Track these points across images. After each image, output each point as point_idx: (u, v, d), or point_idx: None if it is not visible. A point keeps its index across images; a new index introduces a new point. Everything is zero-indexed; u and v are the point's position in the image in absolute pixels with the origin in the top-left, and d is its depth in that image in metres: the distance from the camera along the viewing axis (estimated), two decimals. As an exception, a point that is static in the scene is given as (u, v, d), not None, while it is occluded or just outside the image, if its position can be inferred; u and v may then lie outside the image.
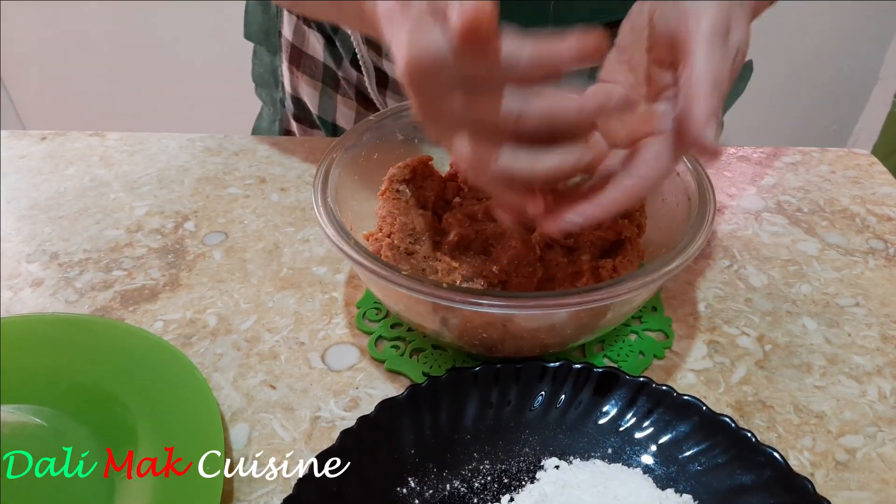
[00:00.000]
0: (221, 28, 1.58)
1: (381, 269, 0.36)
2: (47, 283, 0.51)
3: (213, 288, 0.50)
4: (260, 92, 0.78)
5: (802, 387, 0.43)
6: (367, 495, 0.35)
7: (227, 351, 0.45)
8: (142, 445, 0.38)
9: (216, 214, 0.58)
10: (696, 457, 0.37)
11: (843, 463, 0.39)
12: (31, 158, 0.66)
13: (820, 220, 0.57)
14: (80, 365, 0.42)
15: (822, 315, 0.48)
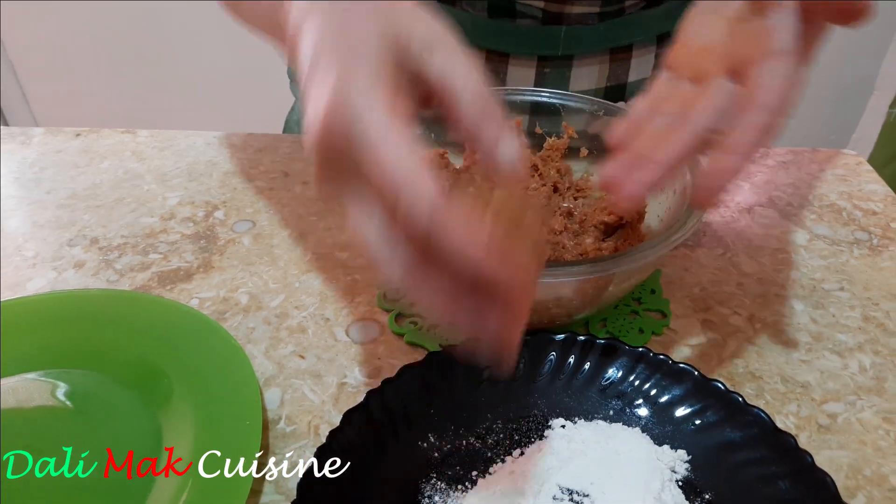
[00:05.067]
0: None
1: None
2: (88, 265, 0.55)
3: (243, 270, 0.54)
4: (294, 88, 0.82)
5: (789, 360, 0.47)
6: (391, 447, 0.39)
7: (259, 325, 0.49)
8: (185, 406, 0.42)
9: (244, 205, 0.62)
10: (689, 417, 0.40)
11: (826, 426, 0.42)
12: (66, 153, 0.70)
13: (809, 214, 0.61)
14: (125, 335, 0.46)
15: (809, 298, 0.52)
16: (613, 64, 0.63)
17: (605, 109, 0.54)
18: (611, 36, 0.61)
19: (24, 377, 0.44)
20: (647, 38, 0.63)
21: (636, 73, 0.64)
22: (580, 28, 0.60)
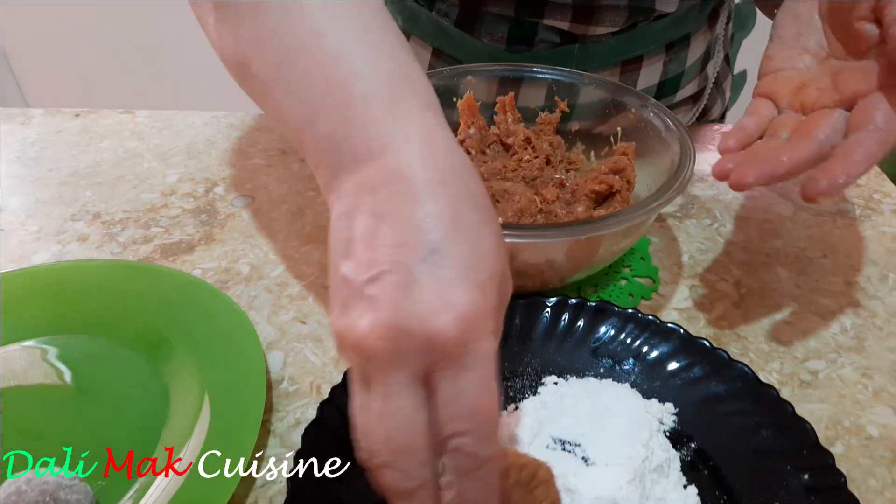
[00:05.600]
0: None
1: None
2: (92, 239, 0.56)
3: (243, 242, 0.56)
4: None
5: (773, 322, 0.48)
6: (391, 403, 0.40)
7: (260, 294, 0.51)
8: (191, 368, 0.43)
9: (243, 181, 0.63)
10: (676, 373, 0.42)
11: (807, 382, 0.44)
12: (67, 133, 0.71)
13: (794, 187, 0.63)
14: (132, 302, 0.48)
15: (793, 265, 0.54)
16: (623, 75, 0.64)
17: (596, 83, 0.55)
18: (622, 49, 0.63)
19: (37, 342, 0.46)
20: (657, 47, 0.64)
21: (645, 80, 0.65)
22: (593, 45, 0.61)
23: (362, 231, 0.28)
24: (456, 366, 0.26)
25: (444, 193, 0.28)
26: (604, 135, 0.56)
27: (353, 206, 0.29)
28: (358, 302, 0.27)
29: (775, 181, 0.38)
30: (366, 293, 0.27)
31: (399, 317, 0.26)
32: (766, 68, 0.46)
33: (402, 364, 0.27)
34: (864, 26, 0.39)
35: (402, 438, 0.27)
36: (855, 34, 0.40)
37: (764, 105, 0.44)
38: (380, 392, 0.27)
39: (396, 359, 0.26)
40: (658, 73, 0.66)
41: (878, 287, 0.51)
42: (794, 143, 0.39)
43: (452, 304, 0.26)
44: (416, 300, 0.26)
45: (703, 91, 0.73)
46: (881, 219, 0.59)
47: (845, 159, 0.36)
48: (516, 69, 0.57)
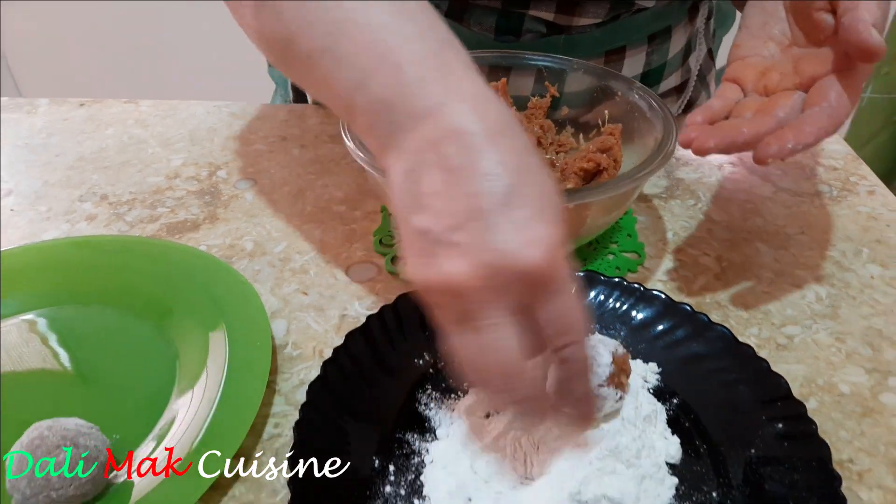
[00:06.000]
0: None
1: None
2: (100, 218, 0.58)
3: (247, 221, 0.58)
4: (272, 72, 0.85)
5: (752, 292, 0.51)
6: (389, 363, 0.43)
7: (264, 268, 0.53)
8: (198, 334, 0.45)
9: (245, 165, 0.65)
10: (660, 335, 0.44)
11: (784, 345, 0.47)
12: (72, 121, 0.73)
13: (775, 170, 0.65)
14: (141, 274, 0.50)
15: (773, 241, 0.56)
16: (608, 65, 0.67)
17: (584, 69, 0.58)
18: (607, 40, 0.65)
19: (50, 312, 0.48)
20: (640, 38, 0.67)
21: (628, 70, 0.68)
22: (578, 35, 0.64)
23: (433, 185, 0.30)
24: (550, 292, 0.30)
25: (504, 143, 0.31)
26: (592, 119, 0.59)
27: (418, 162, 0.31)
28: (443, 250, 0.30)
29: (735, 150, 0.41)
30: (452, 240, 0.30)
31: (492, 257, 0.29)
32: (733, 55, 0.49)
33: (501, 298, 0.30)
34: (822, 17, 0.43)
35: (512, 363, 0.30)
36: (814, 24, 0.43)
37: (731, 89, 0.47)
38: (483, 326, 0.30)
39: (496, 294, 0.29)
40: (641, 63, 0.68)
41: (853, 261, 0.54)
42: (755, 119, 0.42)
43: (536, 239, 0.29)
44: (503, 239, 0.29)
45: (687, 83, 0.76)
46: (857, 199, 0.61)
47: (797, 129, 0.39)
48: (507, 56, 0.60)
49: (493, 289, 0.29)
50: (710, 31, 0.77)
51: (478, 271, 0.29)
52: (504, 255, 0.29)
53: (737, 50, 0.49)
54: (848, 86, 0.41)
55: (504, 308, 0.30)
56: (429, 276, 0.30)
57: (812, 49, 0.44)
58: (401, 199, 0.32)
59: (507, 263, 0.29)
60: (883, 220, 0.58)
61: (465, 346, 0.31)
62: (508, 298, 0.30)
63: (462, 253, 0.29)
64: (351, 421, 0.39)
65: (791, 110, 0.42)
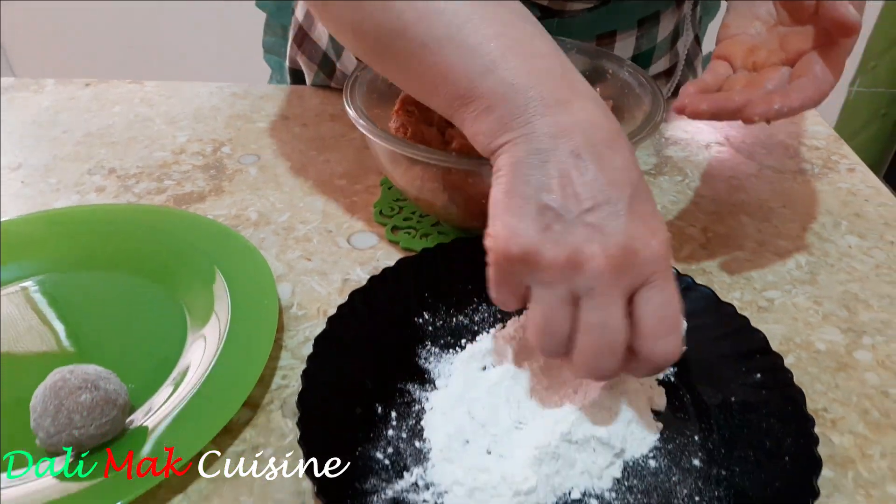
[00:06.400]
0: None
1: (404, 145, 0.46)
2: (109, 190, 0.60)
3: (251, 193, 0.60)
4: (269, 58, 0.87)
5: (736, 260, 0.53)
6: (390, 321, 0.45)
7: (268, 236, 0.55)
8: (208, 294, 0.47)
9: (248, 141, 0.67)
10: (648, 296, 0.47)
11: (764, 307, 0.49)
12: (79, 100, 0.75)
13: (759, 149, 0.68)
14: (150, 240, 0.52)
15: (756, 214, 0.59)
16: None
17: (578, 48, 0.60)
18: (598, 24, 0.68)
19: (63, 276, 0.50)
20: (629, 23, 0.69)
21: (619, 53, 0.70)
22: (570, 19, 0.66)
23: (565, 168, 0.33)
24: (662, 280, 0.33)
25: (625, 143, 0.35)
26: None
27: (549, 146, 0.34)
28: (574, 229, 0.32)
29: (726, 115, 0.43)
30: (584, 220, 0.32)
31: (623, 240, 0.32)
32: (722, 34, 0.51)
33: (624, 280, 0.32)
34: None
35: (617, 341, 0.33)
36: (797, 4, 0.46)
37: (721, 65, 0.49)
38: (599, 303, 0.33)
39: (620, 275, 0.32)
40: (631, 47, 0.71)
41: (832, 232, 0.57)
42: (745, 89, 0.45)
43: (657, 231, 0.33)
44: (632, 227, 0.32)
45: (675, 67, 0.78)
46: (837, 176, 0.64)
47: (784, 94, 0.42)
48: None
49: (619, 272, 0.32)
50: (696, 17, 0.80)
51: (610, 251, 0.32)
52: (636, 240, 0.32)
53: (725, 29, 0.51)
54: (830, 61, 0.43)
55: (623, 290, 0.33)
56: (557, 251, 0.32)
57: (797, 27, 0.47)
58: (524, 175, 0.34)
59: (639, 247, 0.32)
60: (862, 196, 0.61)
61: (564, 322, 0.34)
62: (628, 283, 0.32)
63: (595, 233, 0.32)
64: (355, 372, 0.41)
65: (778, 83, 0.44)
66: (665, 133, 0.70)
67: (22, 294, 0.48)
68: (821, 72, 0.43)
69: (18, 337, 0.45)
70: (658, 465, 0.38)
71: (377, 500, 0.35)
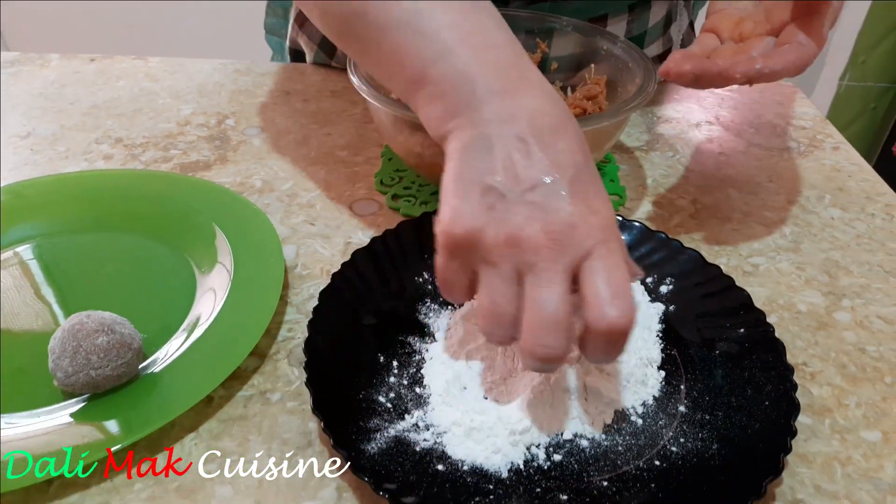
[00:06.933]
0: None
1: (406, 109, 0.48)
2: (116, 158, 0.62)
3: (255, 163, 0.62)
4: (270, 39, 0.88)
5: (723, 229, 0.56)
6: (392, 278, 0.47)
7: (273, 202, 0.57)
8: (216, 254, 0.49)
9: (251, 115, 0.69)
10: (638, 259, 0.49)
11: (749, 272, 0.51)
12: (84, 74, 0.76)
13: (748, 128, 0.70)
14: (160, 203, 0.53)
15: (743, 187, 0.61)
16: None
17: (573, 26, 0.62)
18: (589, 8, 0.69)
19: (73, 237, 0.51)
20: (621, 8, 0.71)
21: None
22: (563, 3, 0.68)
23: (509, 151, 0.34)
24: (604, 251, 0.33)
25: (573, 128, 0.36)
26: (579, 77, 0.63)
27: (494, 131, 0.35)
28: (516, 207, 0.33)
29: (709, 79, 0.45)
30: (526, 199, 0.33)
31: (562, 217, 0.33)
32: (711, 9, 0.53)
33: (564, 255, 0.33)
34: None
35: (560, 317, 0.32)
36: None
37: (709, 37, 0.51)
38: (541, 280, 0.33)
39: (560, 250, 0.33)
40: (622, 31, 0.73)
41: (816, 205, 0.59)
42: (729, 56, 0.47)
43: (600, 209, 0.34)
44: (572, 205, 0.33)
45: (670, 52, 0.80)
46: (822, 153, 0.66)
47: (767, 56, 0.44)
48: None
49: (563, 246, 0.33)
50: (690, 2, 0.82)
51: (549, 227, 0.33)
52: (573, 217, 0.33)
53: (714, 4, 0.53)
54: (812, 30, 0.45)
55: (563, 266, 0.33)
56: (498, 230, 0.33)
57: (781, 0, 0.49)
58: (470, 159, 0.35)
59: (576, 223, 0.33)
60: (845, 172, 0.63)
61: (511, 300, 0.33)
62: (569, 258, 0.33)
63: (536, 210, 0.33)
64: (357, 324, 0.43)
65: (763, 51, 0.46)
66: (657, 112, 0.72)
67: (34, 252, 0.50)
68: (804, 39, 0.45)
69: (36, 290, 0.47)
70: (646, 411, 0.40)
71: (380, 437, 0.37)
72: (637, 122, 0.70)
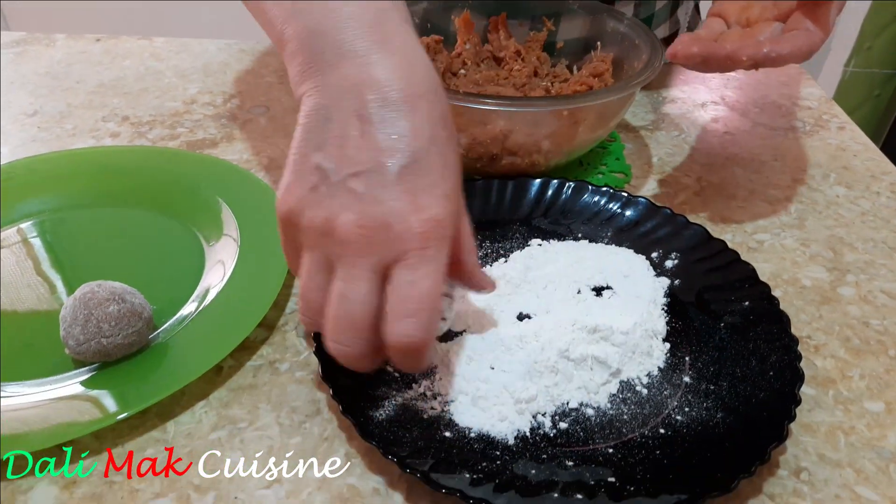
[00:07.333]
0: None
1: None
2: (123, 135, 0.62)
3: (261, 141, 0.62)
4: None
5: (728, 207, 0.56)
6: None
7: (279, 179, 0.57)
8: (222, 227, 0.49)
9: (257, 94, 0.69)
10: (644, 234, 0.49)
11: (754, 248, 0.52)
12: (90, 54, 0.76)
13: (753, 108, 0.70)
14: (167, 179, 0.54)
15: (748, 166, 0.61)
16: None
17: (580, 4, 0.62)
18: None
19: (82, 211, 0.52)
20: None
21: None
22: None
23: (343, 128, 0.31)
24: (416, 259, 0.31)
25: (424, 108, 0.32)
26: (585, 51, 0.63)
27: (335, 103, 0.32)
28: (336, 192, 0.31)
29: (716, 62, 0.45)
30: (347, 185, 0.31)
31: (380, 212, 0.30)
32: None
33: (373, 253, 0.31)
34: None
35: (356, 316, 0.31)
36: None
37: (716, 21, 0.51)
38: (345, 274, 0.31)
39: (369, 247, 0.30)
40: (630, 13, 0.73)
41: (821, 183, 0.59)
42: (737, 39, 0.47)
43: (425, 208, 0.31)
44: (395, 199, 0.30)
45: (676, 34, 0.80)
46: (828, 133, 0.66)
47: (775, 41, 0.44)
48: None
49: (371, 242, 0.30)
50: None
51: (362, 221, 0.30)
52: (390, 214, 0.30)
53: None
54: (818, 17, 0.45)
55: (372, 264, 0.31)
56: (314, 213, 0.31)
57: None
58: (306, 131, 0.32)
59: (394, 222, 0.30)
60: (850, 151, 0.63)
61: (317, 288, 0.32)
62: (377, 257, 0.31)
63: (354, 200, 0.30)
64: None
65: (770, 36, 0.46)
66: (662, 93, 0.72)
67: (45, 226, 0.50)
68: (811, 26, 0.45)
69: (48, 263, 0.47)
70: (651, 381, 0.40)
71: (388, 405, 0.37)
72: (643, 102, 0.70)
